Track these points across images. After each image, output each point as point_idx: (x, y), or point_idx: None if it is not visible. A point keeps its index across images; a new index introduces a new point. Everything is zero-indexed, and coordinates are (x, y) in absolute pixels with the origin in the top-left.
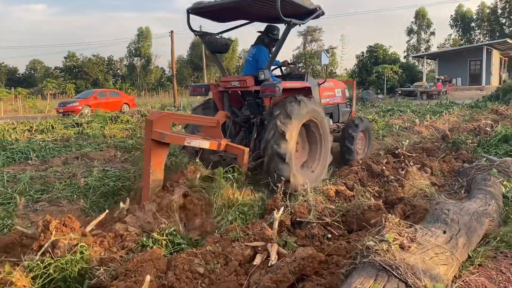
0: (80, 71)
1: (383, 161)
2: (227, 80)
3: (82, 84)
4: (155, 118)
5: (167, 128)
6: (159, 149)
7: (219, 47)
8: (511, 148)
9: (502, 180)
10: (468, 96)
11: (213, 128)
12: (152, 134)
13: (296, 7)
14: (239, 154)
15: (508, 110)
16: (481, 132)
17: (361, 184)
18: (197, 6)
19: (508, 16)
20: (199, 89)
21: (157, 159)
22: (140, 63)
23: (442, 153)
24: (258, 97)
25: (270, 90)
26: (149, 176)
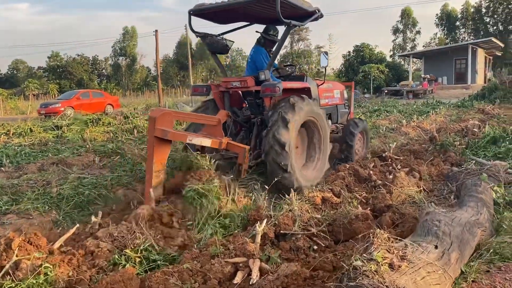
0: (64, 71)
1: (370, 165)
2: (228, 81)
3: (66, 84)
4: (158, 116)
5: (169, 126)
6: (161, 146)
7: (219, 48)
8: (499, 150)
9: (493, 185)
10: (454, 95)
11: (215, 127)
12: (155, 132)
13: (295, 9)
14: (240, 152)
15: (494, 110)
16: (468, 133)
17: (348, 190)
18: (199, 7)
19: (492, 15)
20: (200, 89)
21: (159, 156)
22: (125, 62)
23: (430, 156)
24: (259, 97)
25: (271, 90)
26: (151, 172)
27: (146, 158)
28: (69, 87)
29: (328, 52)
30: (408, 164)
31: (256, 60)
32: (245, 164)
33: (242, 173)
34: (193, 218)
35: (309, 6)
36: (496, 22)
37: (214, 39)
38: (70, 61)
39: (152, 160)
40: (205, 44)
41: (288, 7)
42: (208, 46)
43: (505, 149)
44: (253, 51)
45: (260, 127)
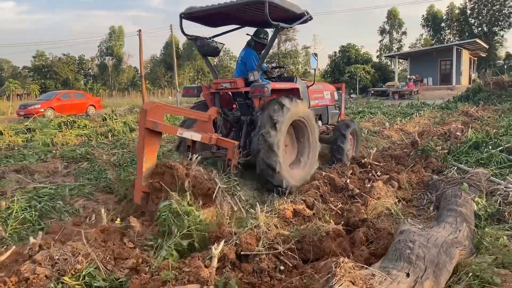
0: (50, 70)
1: (348, 172)
2: (218, 82)
3: (51, 84)
4: (149, 108)
5: (160, 118)
6: (152, 138)
7: (210, 51)
8: (482, 156)
9: (474, 196)
10: (439, 96)
11: (205, 123)
12: (146, 123)
13: (284, 12)
14: (229, 148)
15: (478, 112)
16: (451, 136)
17: (323, 200)
18: (189, 11)
19: (477, 16)
20: (191, 91)
21: (150, 147)
22: (112, 62)
23: (411, 161)
24: (248, 98)
25: (259, 90)
26: (142, 163)
27: (114, 164)
28: (54, 87)
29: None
30: (389, 170)
31: (246, 62)
32: (234, 160)
33: (231, 167)
34: (156, 237)
35: (297, 9)
36: (481, 24)
37: (205, 41)
38: (56, 61)
39: (143, 151)
40: (196, 46)
41: (276, 10)
42: (199, 49)
43: (488, 155)
44: (243, 53)
45: (250, 126)
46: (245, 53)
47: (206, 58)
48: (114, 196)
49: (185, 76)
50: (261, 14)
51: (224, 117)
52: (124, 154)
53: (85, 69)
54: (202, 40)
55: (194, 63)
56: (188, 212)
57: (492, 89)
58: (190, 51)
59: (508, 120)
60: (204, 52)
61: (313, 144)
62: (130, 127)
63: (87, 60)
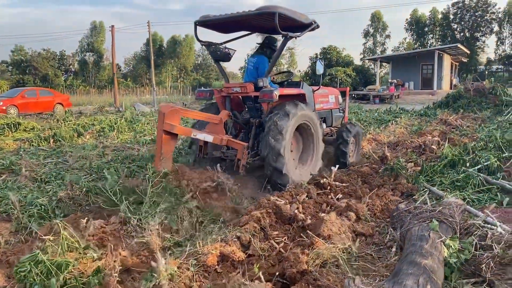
0: (29, 66)
1: (300, 197)
2: (229, 86)
3: (30, 80)
4: (167, 112)
5: (176, 121)
6: (169, 139)
7: (222, 56)
8: (458, 177)
9: (445, 238)
10: (420, 100)
11: (217, 125)
12: (164, 125)
13: (293, 22)
14: (239, 149)
15: (457, 120)
16: (426, 150)
17: (265, 235)
18: (204, 19)
19: (459, 22)
20: (204, 94)
21: (167, 148)
22: (93, 59)
23: (379, 180)
24: (257, 102)
25: (268, 96)
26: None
27: (36, 179)
28: (33, 82)
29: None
30: (352, 191)
31: (259, 68)
32: (243, 160)
33: (240, 167)
34: None
35: (306, 19)
36: (463, 29)
37: (217, 47)
38: (35, 56)
39: (160, 151)
40: (209, 52)
41: (286, 20)
42: (212, 54)
43: (464, 176)
44: (256, 60)
45: (258, 128)
46: (258, 60)
47: (218, 63)
48: (11, 225)
49: (167, 74)
50: (270, 23)
51: (234, 119)
52: (57, 164)
53: (66, 65)
54: (215, 46)
55: (177, 61)
56: (62, 265)
57: (473, 95)
58: (173, 48)
59: (488, 130)
60: (217, 58)
61: (317, 144)
62: (78, 132)
63: (68, 56)
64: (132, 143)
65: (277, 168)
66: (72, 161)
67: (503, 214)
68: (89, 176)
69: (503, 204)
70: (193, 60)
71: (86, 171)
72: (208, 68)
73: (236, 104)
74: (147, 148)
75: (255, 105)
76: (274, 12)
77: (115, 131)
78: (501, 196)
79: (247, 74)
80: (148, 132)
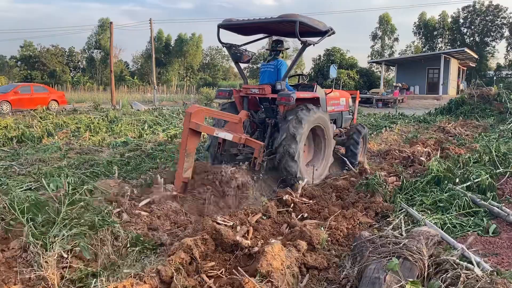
0: (37, 61)
1: (253, 218)
2: (247, 87)
3: (37, 76)
4: (193, 112)
5: (201, 120)
6: (193, 137)
7: (242, 58)
8: (441, 197)
9: (404, 283)
10: (424, 105)
11: (236, 124)
12: (190, 124)
13: (311, 29)
14: (256, 148)
15: (456, 128)
16: (415, 162)
17: (196, 269)
18: (228, 23)
19: (469, 26)
20: (223, 93)
21: (191, 145)
22: (100, 55)
23: (354, 196)
24: (274, 103)
25: (286, 99)
26: (184, 158)
27: None
28: (40, 78)
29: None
30: (320, 209)
31: (281, 69)
32: (260, 158)
33: (256, 165)
34: None
35: (324, 26)
36: (473, 33)
37: (238, 49)
38: (44, 52)
39: (185, 147)
40: (230, 54)
41: (305, 28)
42: (233, 56)
43: (449, 195)
44: (277, 63)
45: (274, 128)
46: (279, 63)
47: (238, 65)
48: None
49: (174, 73)
50: (289, 29)
51: (251, 118)
52: (8, 168)
53: (75, 62)
54: (235, 48)
55: (183, 60)
56: None
57: (476, 102)
58: (180, 47)
59: (488, 140)
60: (237, 59)
61: (328, 144)
62: (48, 131)
63: (77, 53)
64: (100, 146)
65: (292, 172)
66: (22, 166)
67: (487, 245)
68: (34, 183)
69: (489, 232)
70: (200, 59)
71: (33, 177)
72: (215, 67)
73: (253, 104)
74: (113, 151)
75: (271, 106)
76: (295, 20)
77: (88, 131)
78: (487, 222)
79: (266, 75)
80: (125, 133)
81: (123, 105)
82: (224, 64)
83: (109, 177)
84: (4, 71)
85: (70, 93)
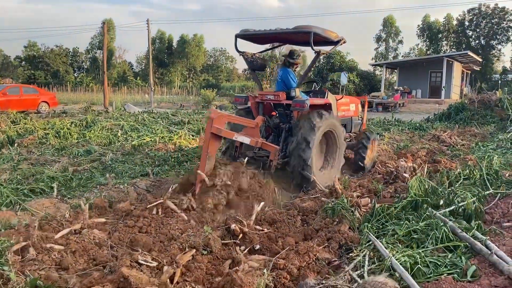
0: (41, 61)
1: (184, 258)
2: (263, 94)
3: (41, 76)
4: (216, 117)
5: (222, 125)
6: (215, 141)
7: (258, 66)
8: (416, 227)
9: None
10: (426, 110)
11: (253, 129)
12: (212, 129)
13: (324, 39)
14: (272, 151)
15: (452, 137)
16: (399, 177)
17: None
18: (244, 33)
19: (474, 29)
20: (240, 99)
21: (212, 148)
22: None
23: (319, 222)
24: (288, 109)
25: (300, 105)
26: (205, 160)
27: None
28: (44, 78)
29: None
30: (271, 241)
31: (284, 79)
32: (275, 161)
33: (272, 167)
34: None
35: (335, 36)
36: (479, 36)
37: (254, 58)
38: (48, 52)
39: (207, 150)
40: (246, 62)
41: (318, 38)
42: (249, 64)
43: (426, 224)
44: (281, 73)
45: (288, 133)
46: (283, 73)
47: (253, 72)
48: None
49: (176, 74)
50: (303, 38)
51: (266, 123)
52: None
53: (79, 62)
54: (251, 56)
55: (186, 61)
56: None
57: (477, 107)
58: (182, 48)
59: (484, 151)
60: (253, 67)
61: (340, 147)
62: (10, 138)
63: (81, 53)
64: (58, 155)
65: (306, 176)
66: None
67: None
68: None
69: (467, 275)
70: (203, 60)
71: None
72: (218, 69)
73: (267, 110)
74: (72, 161)
75: (285, 112)
76: (309, 32)
77: (55, 138)
78: (466, 262)
79: (277, 85)
80: (96, 140)
81: (117, 107)
82: (228, 66)
83: (48, 194)
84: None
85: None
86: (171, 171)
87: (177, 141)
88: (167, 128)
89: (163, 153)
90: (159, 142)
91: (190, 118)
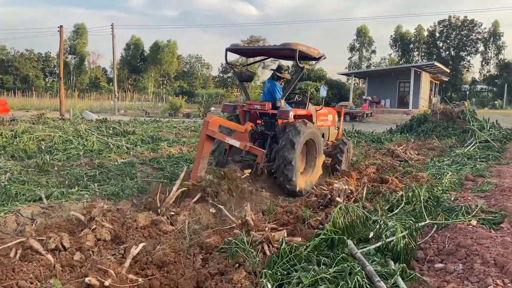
0: (10, 65)
1: None
2: (251, 103)
3: (9, 80)
4: (211, 120)
5: (216, 128)
6: (209, 142)
7: (246, 77)
8: (324, 274)
9: None
10: (393, 120)
11: (242, 133)
12: (207, 131)
13: (308, 56)
14: (259, 154)
15: (406, 152)
16: (332, 202)
17: None
18: (234, 47)
19: (445, 40)
20: (229, 108)
21: (206, 149)
22: (74, 61)
23: (217, 264)
24: (273, 118)
25: (285, 115)
26: (199, 160)
27: None
28: (12, 83)
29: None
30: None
31: (272, 92)
32: (261, 164)
33: (259, 170)
34: None
35: (318, 53)
36: (449, 47)
37: (242, 70)
38: (17, 56)
39: (201, 150)
40: (234, 73)
41: (303, 55)
42: (237, 75)
43: (339, 270)
44: (269, 85)
45: (272, 139)
46: (270, 85)
47: (241, 84)
48: None
49: (150, 81)
50: (288, 54)
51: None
52: None
53: (50, 67)
54: (239, 68)
55: (159, 67)
56: None
57: (439, 119)
58: (156, 54)
59: (438, 168)
60: (241, 79)
61: (319, 156)
62: None
63: (53, 58)
64: None
65: (288, 176)
66: None
67: None
68: None
69: None
70: (176, 67)
71: None
72: (192, 75)
73: (254, 118)
74: None
75: (270, 120)
76: (295, 49)
77: None
78: None
79: (264, 95)
80: (16, 153)
81: (74, 114)
82: (204, 72)
83: None
84: None
85: (34, 100)
86: (73, 195)
87: (106, 155)
88: (104, 139)
89: (80, 169)
90: (83, 156)
91: (141, 128)
